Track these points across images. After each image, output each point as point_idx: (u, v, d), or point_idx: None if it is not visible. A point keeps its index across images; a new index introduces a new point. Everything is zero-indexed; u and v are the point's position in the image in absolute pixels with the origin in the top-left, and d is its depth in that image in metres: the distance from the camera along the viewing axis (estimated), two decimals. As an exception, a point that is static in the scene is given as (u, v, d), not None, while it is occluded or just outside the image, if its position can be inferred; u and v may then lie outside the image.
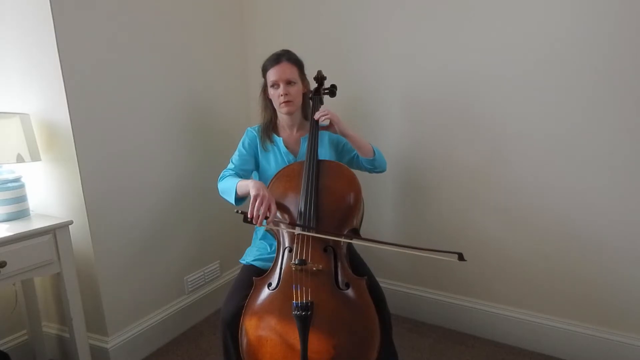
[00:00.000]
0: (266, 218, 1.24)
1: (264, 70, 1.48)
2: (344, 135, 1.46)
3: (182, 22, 1.93)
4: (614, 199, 1.52)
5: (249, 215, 1.23)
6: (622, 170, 1.49)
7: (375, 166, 1.53)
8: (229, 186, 1.39)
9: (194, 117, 2.04)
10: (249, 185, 1.29)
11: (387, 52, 1.88)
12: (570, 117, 1.55)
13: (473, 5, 1.66)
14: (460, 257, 1.14)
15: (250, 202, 1.24)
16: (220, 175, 1.49)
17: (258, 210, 1.21)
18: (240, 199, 1.39)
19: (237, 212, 1.28)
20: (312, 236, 1.25)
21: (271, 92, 1.47)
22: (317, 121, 1.46)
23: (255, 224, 1.22)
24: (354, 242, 1.32)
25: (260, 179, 1.55)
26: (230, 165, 1.51)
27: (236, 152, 1.53)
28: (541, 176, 1.64)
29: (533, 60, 1.58)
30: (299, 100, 1.48)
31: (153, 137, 1.83)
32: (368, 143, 1.51)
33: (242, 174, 1.49)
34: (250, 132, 1.56)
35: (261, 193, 1.23)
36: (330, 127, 1.45)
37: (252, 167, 1.54)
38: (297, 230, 1.28)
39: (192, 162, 2.03)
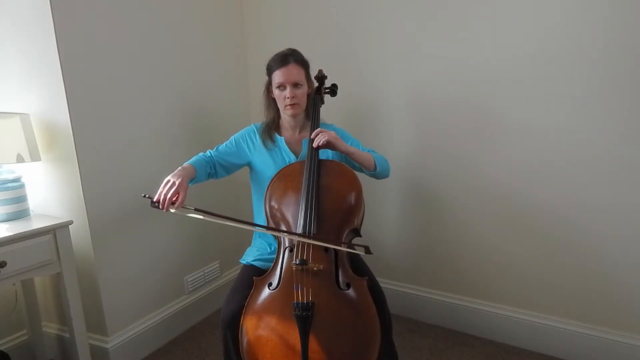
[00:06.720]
0: (174, 204, 1.21)
1: (269, 69, 1.47)
2: (343, 152, 1.40)
3: (182, 21, 1.93)
4: (614, 198, 1.52)
5: (155, 199, 1.22)
6: (622, 169, 1.49)
7: (377, 177, 1.51)
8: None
9: (194, 116, 2.03)
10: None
11: (390, 50, 1.88)
12: (573, 117, 1.55)
13: (478, 2, 1.65)
14: (367, 251, 1.15)
15: (161, 186, 1.23)
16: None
17: (166, 195, 1.20)
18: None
19: (144, 196, 1.25)
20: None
21: (276, 92, 1.45)
22: (317, 120, 1.46)
23: (162, 209, 1.20)
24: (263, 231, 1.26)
25: (260, 178, 1.54)
26: (213, 149, 1.52)
27: (226, 141, 1.55)
28: (541, 176, 1.64)
29: (538, 58, 1.57)
30: (304, 102, 1.47)
31: (153, 137, 1.83)
32: (368, 154, 1.46)
33: (221, 162, 1.50)
34: (251, 129, 1.56)
35: (172, 180, 1.23)
36: (328, 145, 1.37)
37: (234, 161, 1.52)
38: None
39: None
